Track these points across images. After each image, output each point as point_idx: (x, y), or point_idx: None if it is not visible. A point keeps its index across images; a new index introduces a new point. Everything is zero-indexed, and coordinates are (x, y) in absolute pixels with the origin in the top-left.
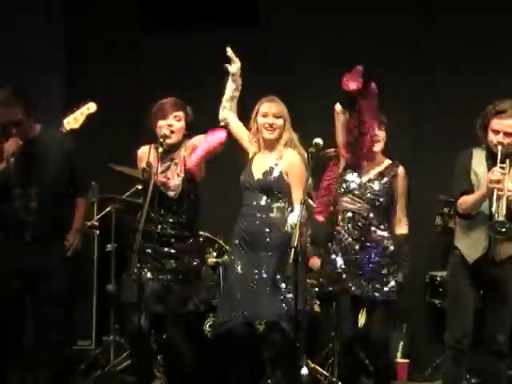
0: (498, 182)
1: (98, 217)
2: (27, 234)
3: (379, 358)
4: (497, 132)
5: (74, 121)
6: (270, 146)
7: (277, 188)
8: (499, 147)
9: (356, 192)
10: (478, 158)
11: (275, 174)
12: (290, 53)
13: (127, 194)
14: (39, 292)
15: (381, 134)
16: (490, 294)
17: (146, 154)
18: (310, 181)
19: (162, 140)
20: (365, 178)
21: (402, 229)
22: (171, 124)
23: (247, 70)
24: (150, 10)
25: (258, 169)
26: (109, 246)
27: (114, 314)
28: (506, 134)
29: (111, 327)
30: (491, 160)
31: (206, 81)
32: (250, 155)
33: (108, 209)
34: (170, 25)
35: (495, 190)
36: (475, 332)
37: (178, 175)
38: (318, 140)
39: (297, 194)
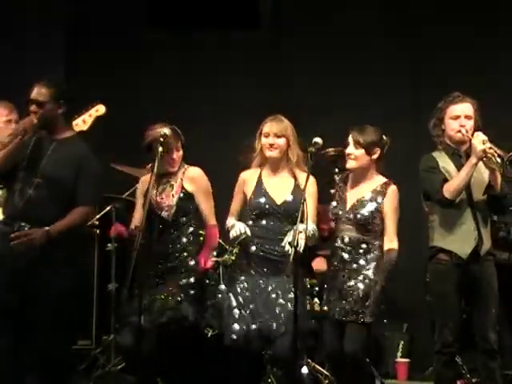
0: (486, 141)
1: (98, 216)
2: (16, 226)
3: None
4: (456, 117)
5: (82, 123)
6: (276, 165)
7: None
8: (463, 131)
9: (343, 217)
10: (442, 158)
11: (297, 198)
12: (290, 53)
13: (127, 193)
14: (34, 293)
15: (353, 152)
16: (475, 294)
17: (147, 180)
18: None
19: (162, 140)
20: (349, 204)
21: (390, 244)
22: (174, 158)
23: (247, 70)
24: (150, 10)
25: (276, 192)
26: (109, 245)
27: (114, 314)
28: (466, 117)
29: (111, 327)
30: (455, 156)
31: (206, 81)
32: (255, 182)
33: (108, 208)
34: (170, 25)
35: (488, 149)
36: (467, 333)
37: (173, 196)
38: (318, 139)
39: (313, 213)
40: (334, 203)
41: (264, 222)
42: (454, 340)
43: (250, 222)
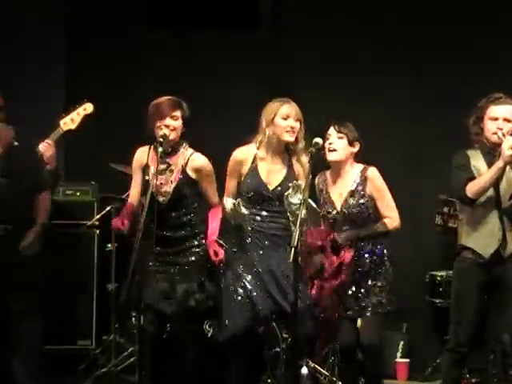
0: None
1: (98, 216)
2: None
3: (371, 361)
4: (495, 119)
5: (70, 122)
6: (282, 149)
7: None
8: (499, 134)
9: (338, 218)
10: (475, 156)
11: (292, 181)
12: (289, 53)
13: (127, 193)
14: (13, 285)
15: (336, 143)
16: (494, 293)
17: (144, 154)
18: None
19: (161, 140)
20: (339, 203)
21: (392, 223)
22: (169, 124)
23: (247, 70)
24: (150, 10)
25: (269, 176)
26: (109, 245)
27: (115, 314)
28: (505, 120)
29: (111, 327)
30: (488, 156)
31: (206, 81)
32: (250, 163)
33: (108, 208)
34: (170, 25)
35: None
36: (476, 332)
37: (171, 182)
38: (318, 140)
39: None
40: (328, 206)
41: (258, 204)
42: (467, 340)
43: (245, 203)
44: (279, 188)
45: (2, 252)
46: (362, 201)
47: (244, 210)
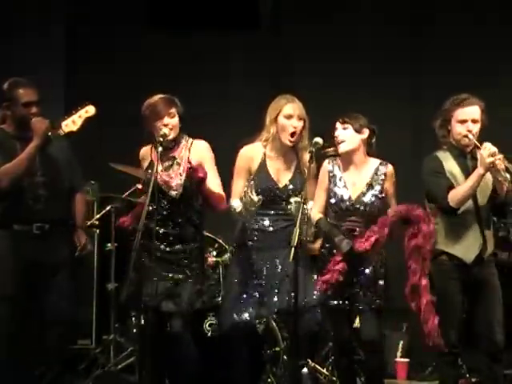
0: (495, 153)
1: (98, 216)
2: (34, 227)
3: (372, 358)
4: (463, 122)
5: (72, 123)
6: (289, 147)
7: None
8: (470, 136)
9: (350, 209)
10: (446, 158)
11: (301, 178)
12: (290, 53)
13: (127, 193)
14: (46, 285)
15: (342, 134)
16: (478, 294)
17: (148, 153)
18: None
19: (161, 139)
20: (355, 194)
21: None
22: (167, 123)
23: (247, 70)
24: (150, 10)
25: (279, 174)
26: (109, 245)
27: (115, 313)
28: (473, 121)
29: (111, 326)
30: (460, 158)
31: (205, 81)
32: (258, 161)
33: (108, 208)
34: (170, 25)
35: (497, 161)
36: (468, 333)
37: (181, 174)
38: (318, 139)
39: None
40: (342, 194)
41: (265, 202)
42: (458, 340)
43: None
44: (289, 186)
45: (37, 251)
46: (378, 195)
47: (255, 197)
